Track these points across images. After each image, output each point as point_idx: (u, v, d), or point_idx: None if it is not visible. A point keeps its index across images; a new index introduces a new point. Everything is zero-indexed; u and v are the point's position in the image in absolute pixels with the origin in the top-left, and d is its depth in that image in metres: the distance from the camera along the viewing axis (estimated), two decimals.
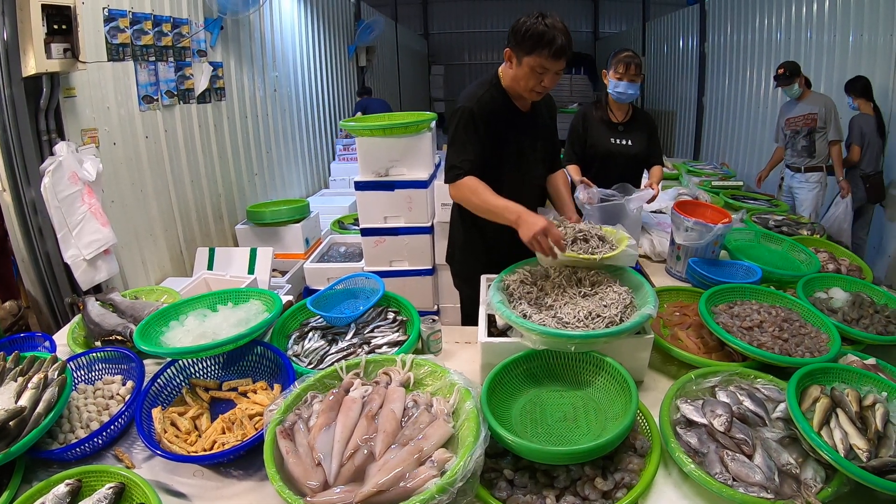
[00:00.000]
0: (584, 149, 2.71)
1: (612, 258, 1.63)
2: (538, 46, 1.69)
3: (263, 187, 4.58)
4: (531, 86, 1.78)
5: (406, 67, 11.16)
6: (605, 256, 1.62)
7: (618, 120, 2.69)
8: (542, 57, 1.70)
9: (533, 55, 1.71)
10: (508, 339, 1.54)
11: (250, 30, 4.29)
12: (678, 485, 1.20)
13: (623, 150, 2.66)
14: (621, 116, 2.70)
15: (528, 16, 1.72)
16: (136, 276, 3.00)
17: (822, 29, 4.85)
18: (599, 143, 2.66)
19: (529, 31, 1.69)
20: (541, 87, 1.78)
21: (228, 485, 1.27)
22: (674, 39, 8.54)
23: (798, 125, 4.08)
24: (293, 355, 1.71)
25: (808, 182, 4.16)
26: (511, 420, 1.35)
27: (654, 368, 1.64)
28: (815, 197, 4.14)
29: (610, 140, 2.66)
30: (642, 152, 2.70)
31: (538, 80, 1.76)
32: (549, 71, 1.74)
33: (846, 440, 1.15)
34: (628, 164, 2.68)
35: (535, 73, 1.75)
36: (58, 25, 2.24)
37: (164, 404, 1.49)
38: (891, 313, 1.80)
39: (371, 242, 3.05)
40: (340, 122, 3.48)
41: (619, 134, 2.68)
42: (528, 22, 1.70)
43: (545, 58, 1.70)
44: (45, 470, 1.30)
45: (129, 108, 2.95)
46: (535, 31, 1.68)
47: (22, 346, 1.81)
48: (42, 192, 2.28)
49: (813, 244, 2.49)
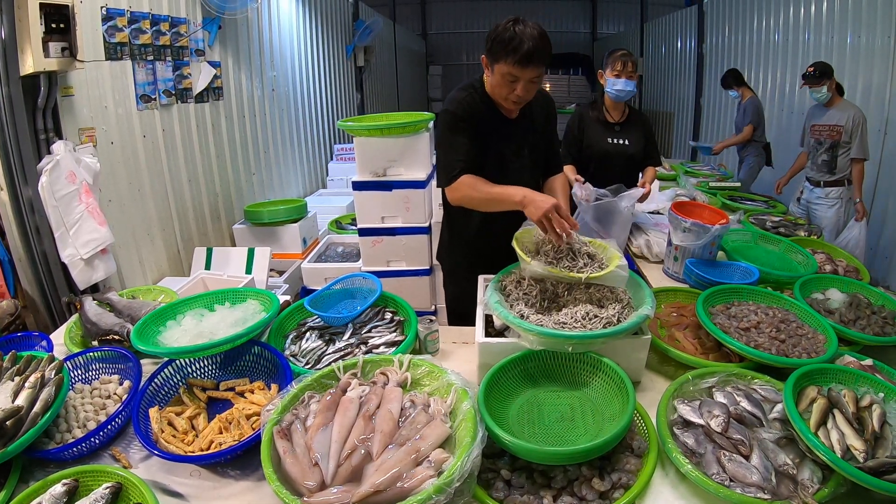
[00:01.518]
0: (580, 149, 2.73)
1: (600, 278, 1.53)
2: (504, 53, 1.63)
3: (261, 187, 4.57)
4: (504, 94, 1.73)
5: (404, 67, 11.15)
6: (590, 276, 1.52)
7: (614, 120, 2.71)
8: (509, 64, 1.63)
9: (500, 62, 1.65)
10: (506, 339, 1.54)
11: (248, 29, 4.28)
12: (675, 485, 1.20)
13: (620, 150, 2.68)
14: (618, 116, 2.72)
15: (505, 22, 1.66)
16: (133, 276, 3.00)
17: (819, 30, 4.86)
18: (596, 144, 2.68)
19: (498, 37, 1.64)
20: (514, 95, 1.71)
21: (225, 485, 1.27)
22: (672, 40, 8.55)
23: (822, 135, 3.72)
24: (290, 355, 1.71)
25: (827, 198, 3.81)
26: (508, 420, 1.35)
27: (651, 369, 1.64)
28: (835, 214, 3.79)
29: (607, 140, 2.68)
30: (639, 152, 2.72)
31: (510, 88, 1.70)
32: (519, 79, 1.67)
33: (843, 441, 1.15)
34: (626, 164, 2.70)
35: (506, 81, 1.69)
36: (56, 24, 2.23)
37: (161, 404, 1.49)
38: (888, 314, 1.80)
39: (368, 242, 3.05)
40: (338, 123, 3.47)
41: (616, 134, 2.69)
42: (500, 27, 1.65)
43: (511, 65, 1.63)
44: (42, 470, 1.30)
45: (127, 107, 2.94)
46: (502, 37, 1.62)
47: (19, 346, 1.81)
48: (39, 191, 2.28)
49: (810, 245, 2.50)
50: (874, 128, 4.05)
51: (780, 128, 5.54)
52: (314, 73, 5.86)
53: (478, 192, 1.74)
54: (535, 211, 1.57)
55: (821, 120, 3.73)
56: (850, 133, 3.57)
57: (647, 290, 1.58)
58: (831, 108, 3.68)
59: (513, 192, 1.65)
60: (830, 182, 3.75)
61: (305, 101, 5.63)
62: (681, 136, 8.45)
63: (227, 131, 3.99)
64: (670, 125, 8.89)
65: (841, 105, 3.67)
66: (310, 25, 5.67)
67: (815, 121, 3.79)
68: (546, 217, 1.55)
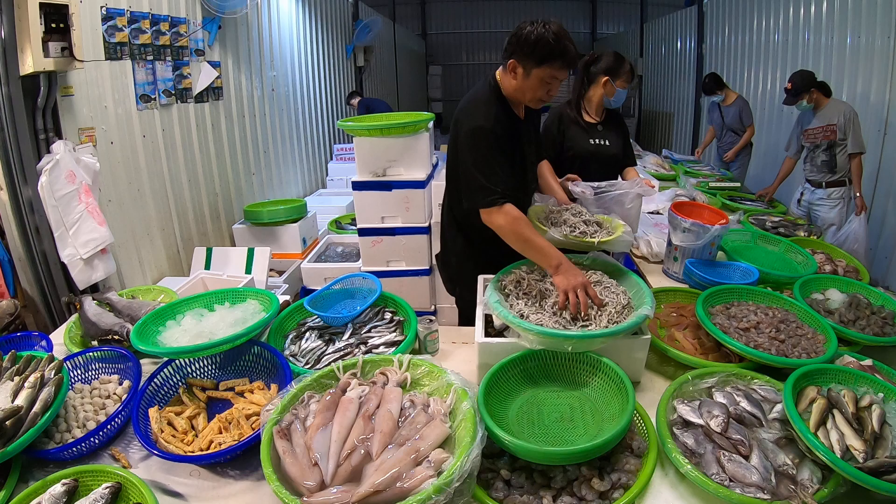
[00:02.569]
0: (560, 150, 2.62)
1: (609, 243, 1.67)
2: (550, 58, 1.65)
3: (261, 187, 4.57)
4: (539, 96, 1.75)
5: (404, 67, 11.15)
6: (602, 240, 1.66)
7: (595, 120, 2.65)
8: (554, 68, 1.67)
9: (544, 66, 1.67)
10: (505, 339, 1.54)
11: (248, 29, 4.28)
12: (675, 485, 1.20)
13: (602, 151, 2.61)
14: (599, 117, 2.66)
15: (531, 24, 1.66)
16: (132, 276, 3.00)
17: (819, 31, 4.85)
18: (578, 145, 2.59)
19: (540, 41, 1.64)
20: (548, 96, 1.76)
21: (225, 485, 1.27)
22: (671, 41, 8.55)
23: (817, 138, 3.68)
24: (290, 355, 1.71)
25: (829, 199, 3.77)
26: (508, 420, 1.35)
27: (650, 369, 1.64)
28: (837, 214, 3.75)
29: (589, 141, 2.60)
30: (619, 152, 2.66)
31: (546, 90, 1.73)
32: (557, 80, 1.72)
33: (843, 441, 1.16)
34: (608, 164, 2.62)
35: (543, 84, 1.72)
36: (55, 24, 2.23)
37: (160, 404, 1.49)
38: (887, 314, 1.80)
39: (368, 242, 3.05)
40: (338, 123, 3.47)
41: (598, 134, 2.63)
42: (536, 32, 1.64)
43: (557, 69, 1.67)
44: (42, 469, 1.30)
45: (127, 107, 2.94)
46: (544, 41, 1.63)
47: (19, 346, 1.81)
48: (39, 191, 2.27)
49: (810, 245, 2.50)
50: (874, 128, 4.05)
51: (781, 128, 5.53)
52: (314, 73, 5.86)
53: (516, 233, 1.70)
54: (563, 282, 1.57)
55: (812, 124, 3.73)
56: (844, 129, 3.56)
57: (646, 291, 1.59)
58: (819, 110, 3.69)
59: (552, 253, 1.65)
60: (832, 182, 3.73)
61: (305, 101, 5.63)
62: (681, 136, 8.45)
63: (226, 131, 3.99)
64: (670, 125, 8.89)
65: (829, 105, 3.67)
66: (310, 25, 5.67)
67: (805, 126, 3.78)
68: (573, 292, 1.55)
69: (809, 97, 3.62)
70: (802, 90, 3.60)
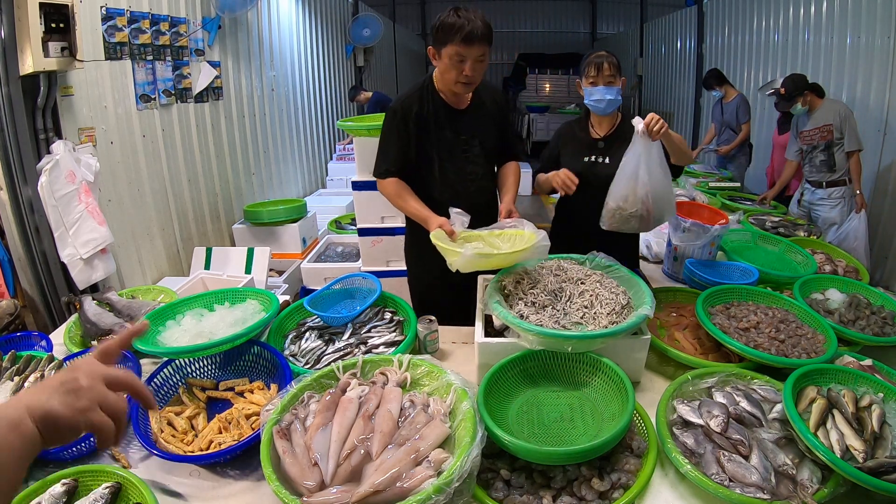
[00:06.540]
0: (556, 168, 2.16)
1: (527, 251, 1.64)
2: (450, 35, 1.77)
3: (261, 187, 4.57)
4: (454, 77, 1.84)
5: (404, 67, 11.15)
6: (514, 251, 1.65)
7: (599, 135, 2.18)
8: (456, 44, 1.77)
9: (448, 45, 1.79)
10: (505, 339, 1.54)
11: (248, 29, 4.28)
12: (675, 485, 1.20)
13: (596, 171, 2.12)
14: (604, 130, 2.18)
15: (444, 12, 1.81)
16: (132, 276, 3.00)
17: (819, 31, 4.85)
18: (568, 163, 2.15)
19: (442, 24, 1.79)
20: (464, 76, 1.83)
21: (225, 485, 1.27)
22: (672, 41, 8.55)
23: (814, 139, 3.69)
24: (290, 355, 1.71)
25: (830, 199, 3.76)
26: (508, 420, 1.35)
27: (650, 369, 1.64)
28: (838, 214, 3.74)
29: (581, 159, 2.17)
30: None
31: (459, 69, 1.82)
32: (467, 58, 1.80)
33: (842, 441, 1.16)
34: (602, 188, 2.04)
35: (454, 63, 1.81)
36: (55, 24, 2.23)
37: (160, 404, 1.49)
38: (887, 314, 1.81)
39: (368, 242, 3.05)
40: (338, 123, 3.47)
41: (598, 151, 2.17)
42: (441, 17, 1.80)
43: (458, 44, 1.77)
44: (42, 469, 1.29)
45: (127, 107, 2.94)
46: (445, 22, 1.78)
47: (18, 346, 1.80)
48: (39, 191, 2.28)
49: (810, 245, 2.50)
50: (874, 128, 4.05)
51: None
52: (314, 73, 5.86)
53: (395, 201, 2.01)
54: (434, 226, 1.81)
55: (807, 126, 3.74)
56: (840, 128, 3.58)
57: (646, 291, 1.58)
58: (814, 111, 3.70)
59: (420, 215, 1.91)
60: (832, 182, 3.74)
61: (305, 100, 5.63)
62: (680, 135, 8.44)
63: (226, 131, 3.99)
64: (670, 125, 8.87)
65: (823, 106, 3.69)
66: (310, 25, 5.67)
67: (802, 128, 3.80)
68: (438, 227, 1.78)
69: (804, 100, 3.65)
70: (795, 94, 3.64)
